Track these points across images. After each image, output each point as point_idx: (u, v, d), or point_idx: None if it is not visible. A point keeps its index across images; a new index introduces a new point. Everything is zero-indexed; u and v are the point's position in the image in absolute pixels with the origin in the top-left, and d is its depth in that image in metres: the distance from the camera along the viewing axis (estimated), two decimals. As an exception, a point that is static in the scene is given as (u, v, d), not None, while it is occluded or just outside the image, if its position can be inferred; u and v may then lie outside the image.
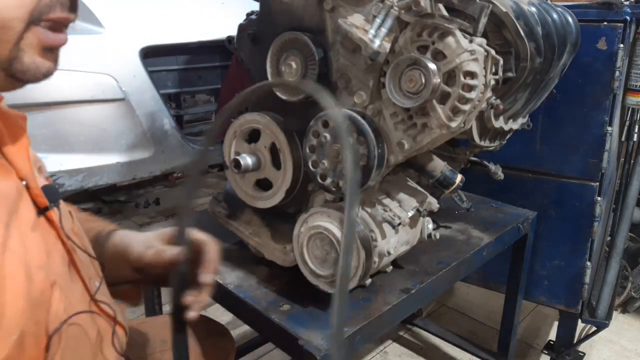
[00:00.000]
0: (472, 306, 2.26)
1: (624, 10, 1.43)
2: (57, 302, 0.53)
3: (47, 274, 0.52)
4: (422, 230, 1.12)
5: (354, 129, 0.89)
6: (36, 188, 0.55)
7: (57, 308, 0.53)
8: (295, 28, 0.98)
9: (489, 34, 0.99)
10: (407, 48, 0.86)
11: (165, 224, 1.42)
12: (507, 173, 1.38)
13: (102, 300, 0.64)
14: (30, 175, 0.55)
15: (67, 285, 0.56)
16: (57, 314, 0.53)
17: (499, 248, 1.38)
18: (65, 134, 1.80)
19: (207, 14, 2.26)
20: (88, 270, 0.63)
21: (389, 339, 2.03)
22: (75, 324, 0.55)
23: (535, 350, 1.97)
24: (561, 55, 1.13)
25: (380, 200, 1.02)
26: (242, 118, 1.07)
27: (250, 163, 1.05)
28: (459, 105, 0.83)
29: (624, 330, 2.10)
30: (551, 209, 1.64)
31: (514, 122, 1.19)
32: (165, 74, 2.09)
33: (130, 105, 1.90)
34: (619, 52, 1.43)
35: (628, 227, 1.70)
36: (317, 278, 1.00)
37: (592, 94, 1.50)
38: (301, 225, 1.01)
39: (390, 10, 0.85)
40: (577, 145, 1.56)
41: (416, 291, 1.08)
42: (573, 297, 1.67)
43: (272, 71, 1.01)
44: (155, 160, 2.04)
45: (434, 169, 1.02)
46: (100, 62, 1.85)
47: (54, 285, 0.53)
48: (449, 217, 1.45)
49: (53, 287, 0.52)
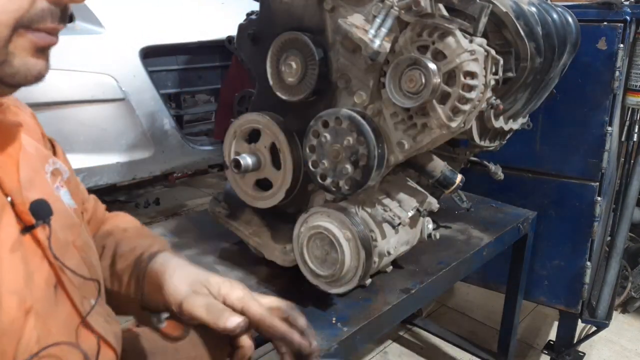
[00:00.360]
0: (472, 306, 2.26)
1: (624, 10, 1.43)
2: (30, 332, 0.49)
3: (22, 300, 0.48)
4: (422, 230, 1.12)
5: (354, 129, 0.89)
6: (22, 204, 0.51)
7: (28, 338, 0.49)
8: (295, 28, 0.98)
9: (489, 34, 0.99)
10: (407, 48, 0.86)
11: (166, 224, 1.42)
12: (507, 173, 1.39)
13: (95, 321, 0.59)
14: (16, 190, 0.52)
15: (48, 310, 0.52)
16: (28, 345, 0.49)
17: (499, 248, 1.38)
18: (65, 134, 1.80)
19: (207, 14, 2.26)
20: (82, 290, 0.58)
21: (389, 339, 2.03)
22: (49, 356, 0.51)
23: (535, 350, 1.97)
24: (561, 55, 1.13)
25: (380, 200, 1.02)
26: (242, 118, 1.07)
27: (250, 163, 1.05)
28: (459, 105, 0.83)
29: (624, 330, 2.10)
30: (551, 209, 1.64)
31: (514, 122, 1.19)
32: (165, 74, 2.09)
33: (130, 105, 1.90)
34: (619, 52, 1.43)
35: (628, 227, 1.70)
36: (317, 278, 1.00)
37: (592, 94, 1.50)
38: (301, 225, 1.01)
39: (390, 10, 0.85)
40: (577, 145, 1.56)
41: (416, 291, 1.08)
42: (573, 297, 1.67)
43: (272, 71, 1.01)
44: (155, 160, 2.04)
45: (434, 169, 1.02)
46: (100, 62, 1.85)
47: (29, 312, 0.49)
48: (449, 217, 1.45)
49: (28, 314, 0.49)
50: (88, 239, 0.66)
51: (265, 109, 1.06)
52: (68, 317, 0.56)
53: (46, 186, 0.59)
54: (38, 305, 0.50)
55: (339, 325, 0.96)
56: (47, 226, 0.53)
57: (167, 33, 2.06)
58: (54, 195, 0.60)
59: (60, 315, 0.54)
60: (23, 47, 0.48)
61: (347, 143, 0.90)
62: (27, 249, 0.52)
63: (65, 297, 0.56)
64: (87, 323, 0.57)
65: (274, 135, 1.02)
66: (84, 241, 0.63)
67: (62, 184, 0.63)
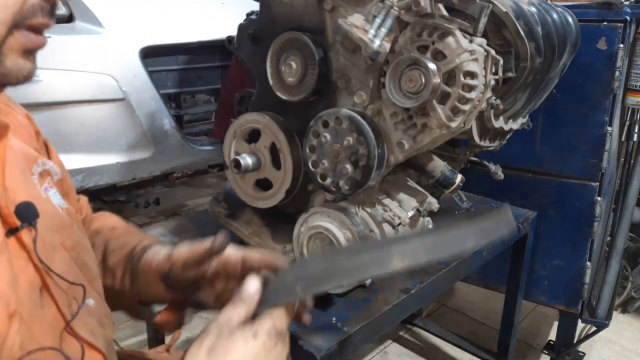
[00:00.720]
0: (472, 306, 2.26)
1: (624, 10, 1.43)
2: (13, 336, 0.48)
3: (6, 304, 0.48)
4: (422, 230, 1.12)
5: (354, 129, 0.89)
6: (5, 207, 0.51)
7: (11, 343, 0.48)
8: (295, 28, 0.98)
9: (489, 34, 0.99)
10: (407, 48, 0.86)
11: (166, 224, 1.42)
12: (507, 173, 1.38)
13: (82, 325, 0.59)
14: (1, 194, 0.51)
15: (33, 314, 0.52)
16: (12, 350, 0.48)
17: (499, 248, 1.38)
18: (65, 134, 1.80)
19: (207, 14, 2.26)
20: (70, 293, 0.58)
21: (389, 339, 2.03)
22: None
23: (535, 350, 1.97)
24: (561, 55, 1.13)
25: (380, 200, 1.02)
26: (242, 118, 1.07)
27: (250, 163, 1.05)
28: (459, 105, 0.83)
29: (624, 330, 2.10)
30: (551, 209, 1.64)
31: (514, 122, 1.19)
32: (165, 74, 2.09)
33: (130, 105, 1.90)
34: (619, 52, 1.43)
35: (628, 227, 1.70)
36: (317, 278, 1.00)
37: (592, 94, 1.50)
38: (301, 225, 1.01)
39: (390, 10, 0.85)
40: (577, 145, 1.56)
41: (416, 291, 1.08)
42: (573, 297, 1.67)
43: (272, 71, 1.01)
44: (155, 160, 2.04)
45: (434, 169, 1.02)
46: (100, 62, 1.85)
47: (13, 316, 0.48)
48: (449, 217, 1.45)
49: (12, 318, 0.48)
50: (81, 238, 0.66)
51: (265, 109, 1.06)
52: (53, 320, 0.55)
53: (33, 188, 0.59)
54: (22, 309, 0.50)
55: (339, 325, 0.96)
56: (33, 229, 0.53)
57: (167, 33, 2.06)
58: (42, 197, 0.59)
59: (46, 318, 0.54)
60: (13, 48, 0.48)
61: (347, 143, 0.90)
62: (12, 252, 0.51)
63: (51, 300, 0.55)
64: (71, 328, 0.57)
65: (274, 135, 1.02)
66: (76, 241, 0.63)
67: (51, 185, 0.62)
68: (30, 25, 0.48)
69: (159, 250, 0.74)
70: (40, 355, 0.51)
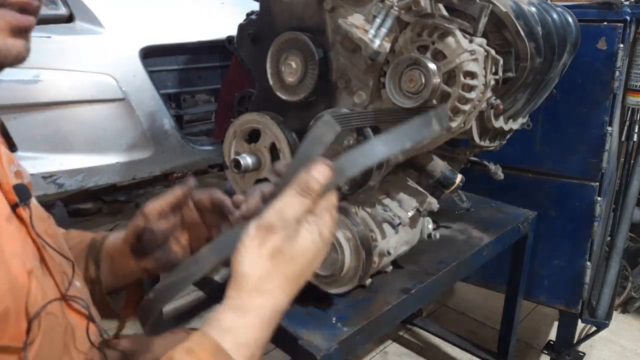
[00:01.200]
0: (472, 306, 2.26)
1: (624, 10, 1.43)
2: (35, 289, 0.53)
3: (23, 262, 0.52)
4: (422, 230, 1.12)
5: (354, 129, 0.89)
6: (6, 184, 0.55)
7: (35, 293, 0.52)
8: (295, 28, 0.98)
9: (489, 34, 0.99)
10: (407, 48, 0.86)
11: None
12: (507, 173, 1.38)
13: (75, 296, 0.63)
14: (1, 171, 0.55)
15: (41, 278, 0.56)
16: (36, 299, 0.52)
17: (499, 248, 1.38)
18: (65, 134, 1.80)
19: (207, 14, 2.26)
20: (60, 269, 0.62)
21: (389, 339, 2.03)
22: (51, 313, 0.55)
23: (535, 350, 1.97)
24: (561, 55, 1.13)
25: (380, 200, 1.02)
26: (242, 118, 1.07)
27: (250, 163, 1.05)
28: (459, 105, 0.83)
29: (624, 330, 2.10)
30: (551, 209, 1.64)
31: (514, 122, 1.19)
32: (165, 74, 2.09)
33: (130, 105, 1.90)
34: (619, 52, 1.43)
35: (628, 227, 1.70)
36: (317, 278, 1.00)
37: (592, 94, 1.50)
38: (301, 225, 1.01)
39: (390, 10, 0.85)
40: (577, 145, 1.56)
41: (416, 291, 1.08)
42: (573, 297, 1.67)
43: (272, 71, 1.01)
44: (155, 160, 2.04)
45: (434, 169, 1.02)
46: (100, 62, 1.85)
47: (30, 273, 0.53)
48: (449, 217, 1.45)
49: (30, 275, 0.52)
50: (58, 229, 0.70)
51: (265, 109, 1.06)
52: (53, 290, 0.59)
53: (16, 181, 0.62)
54: (36, 270, 0.54)
55: (339, 325, 0.96)
56: (27, 208, 0.57)
57: (167, 33, 2.06)
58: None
59: (48, 285, 0.58)
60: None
61: (347, 143, 0.90)
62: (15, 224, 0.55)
63: (48, 273, 0.59)
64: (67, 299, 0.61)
65: (274, 135, 1.02)
66: (54, 231, 0.67)
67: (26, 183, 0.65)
68: (15, 2, 0.50)
69: (120, 232, 0.76)
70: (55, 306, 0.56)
